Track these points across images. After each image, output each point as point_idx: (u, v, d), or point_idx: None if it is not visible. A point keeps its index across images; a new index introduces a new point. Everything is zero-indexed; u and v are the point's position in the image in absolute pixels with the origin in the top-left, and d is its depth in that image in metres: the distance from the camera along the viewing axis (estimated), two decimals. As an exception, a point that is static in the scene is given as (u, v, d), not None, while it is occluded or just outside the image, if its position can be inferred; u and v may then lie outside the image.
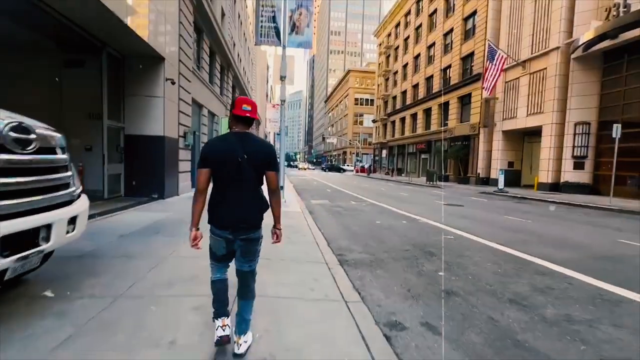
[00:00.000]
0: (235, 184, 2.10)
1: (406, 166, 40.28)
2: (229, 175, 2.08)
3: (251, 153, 2.08)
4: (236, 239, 2.14)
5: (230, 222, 2.11)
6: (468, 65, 28.06)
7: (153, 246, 4.68)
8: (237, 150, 2.05)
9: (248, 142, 2.11)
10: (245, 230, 2.15)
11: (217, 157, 2.08)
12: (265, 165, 2.15)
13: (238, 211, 2.11)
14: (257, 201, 2.18)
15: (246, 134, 2.15)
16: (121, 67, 9.58)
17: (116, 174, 9.65)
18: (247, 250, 2.21)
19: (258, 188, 2.19)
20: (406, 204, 11.95)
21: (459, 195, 16.46)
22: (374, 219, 8.49)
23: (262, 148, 2.16)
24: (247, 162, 2.07)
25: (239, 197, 2.11)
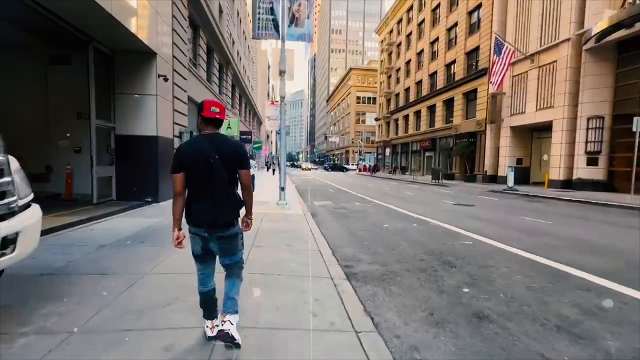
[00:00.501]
0: (209, 184, 2.17)
1: (410, 164, 39.57)
2: (202, 176, 2.15)
3: (222, 153, 2.17)
4: (212, 236, 2.20)
5: (205, 220, 2.17)
6: (473, 60, 27.33)
7: (134, 259, 4.12)
8: (209, 152, 2.14)
9: (218, 143, 2.19)
10: (220, 227, 2.20)
11: (189, 161, 2.15)
12: (236, 164, 2.24)
13: (212, 210, 2.17)
14: (231, 199, 2.24)
15: (216, 135, 2.24)
16: (110, 63, 9.03)
17: (107, 176, 9.12)
18: (225, 247, 2.26)
19: (231, 187, 2.25)
20: (413, 205, 11.34)
21: (466, 194, 15.80)
22: (381, 221, 7.89)
23: (233, 148, 2.24)
24: (218, 163, 2.14)
25: (212, 197, 2.18)
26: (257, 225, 6.60)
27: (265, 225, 6.74)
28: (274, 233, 6.01)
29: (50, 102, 9.25)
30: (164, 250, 4.55)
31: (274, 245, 5.11)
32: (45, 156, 9.33)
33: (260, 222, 7.07)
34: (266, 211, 8.72)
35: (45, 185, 9.37)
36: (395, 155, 44.47)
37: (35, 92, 9.16)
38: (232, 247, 2.28)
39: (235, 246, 2.29)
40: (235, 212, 2.27)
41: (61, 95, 9.25)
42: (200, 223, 2.19)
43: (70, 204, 8.36)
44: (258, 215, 7.94)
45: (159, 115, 9.41)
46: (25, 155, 9.53)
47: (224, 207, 2.21)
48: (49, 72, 9.20)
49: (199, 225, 2.19)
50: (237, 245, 2.31)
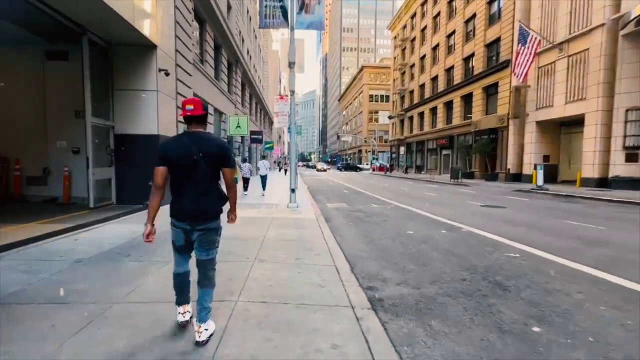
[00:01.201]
0: (191, 180, 2.23)
1: (426, 163, 38.21)
2: (185, 172, 2.22)
3: (206, 151, 2.21)
4: (194, 229, 2.28)
5: (188, 214, 2.25)
6: (493, 52, 25.90)
7: (109, 280, 3.38)
8: (192, 149, 2.19)
9: (202, 141, 2.24)
10: (202, 221, 2.27)
11: (173, 156, 2.21)
12: (220, 162, 2.29)
13: (194, 204, 2.24)
14: (212, 195, 2.31)
15: (200, 132, 2.30)
16: (108, 57, 8.44)
17: (105, 178, 8.53)
18: (205, 240, 2.33)
19: (214, 183, 2.31)
20: (436, 206, 10.33)
21: (491, 194, 14.63)
22: (404, 227, 6.97)
23: (217, 147, 2.27)
24: (201, 160, 2.20)
25: (195, 192, 2.25)
26: (263, 233, 5.82)
27: (273, 232, 5.94)
28: (281, 243, 5.20)
29: (47, 100, 8.74)
30: (150, 266, 3.80)
31: (280, 259, 4.30)
32: (42, 158, 8.82)
33: (267, 228, 6.28)
34: (275, 215, 7.93)
35: (43, 189, 8.87)
36: (410, 153, 43.12)
37: (32, 90, 8.66)
38: (211, 241, 2.37)
39: (213, 240, 2.38)
40: (218, 206, 2.34)
41: (59, 92, 8.72)
42: (183, 217, 2.26)
43: (66, 208, 7.80)
44: (266, 220, 7.16)
45: (160, 112, 8.77)
46: (22, 157, 9.13)
47: (206, 202, 2.27)
48: (46, 69, 8.68)
49: (182, 220, 2.26)
50: (216, 239, 2.41)
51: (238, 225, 6.84)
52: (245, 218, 7.46)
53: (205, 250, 2.35)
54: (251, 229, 6.26)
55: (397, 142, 47.48)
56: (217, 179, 2.33)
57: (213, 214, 2.32)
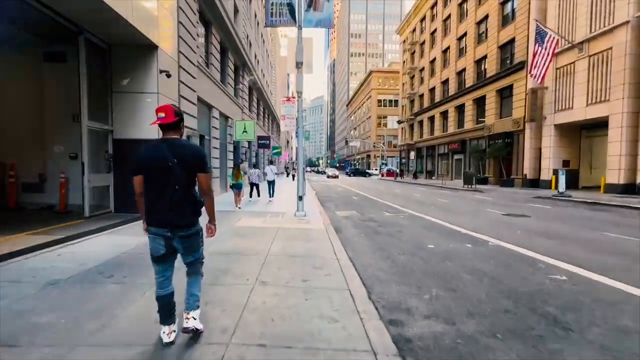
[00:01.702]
0: (168, 187, 2.22)
1: (437, 168, 37.28)
2: (161, 179, 2.22)
3: (181, 158, 2.23)
4: (174, 236, 2.27)
5: (167, 220, 2.24)
6: (507, 53, 25.09)
7: (79, 310, 2.83)
8: (167, 156, 2.20)
9: (177, 148, 2.25)
10: (182, 227, 2.29)
11: (148, 164, 2.23)
12: (195, 169, 2.31)
13: (173, 210, 2.24)
14: (189, 201, 2.31)
15: (175, 139, 2.29)
16: (107, 58, 8.06)
17: (103, 185, 8.09)
18: (188, 245, 2.36)
19: (190, 189, 2.32)
20: (454, 215, 9.62)
21: (510, 201, 13.79)
22: (423, 239, 6.30)
23: (192, 153, 2.30)
24: (177, 166, 2.21)
25: (172, 198, 2.23)
26: (267, 247, 5.23)
27: (277, 246, 5.35)
28: (287, 259, 4.60)
29: (44, 103, 8.39)
30: (131, 291, 3.25)
31: (285, 280, 3.70)
32: (38, 163, 8.45)
33: (272, 241, 5.70)
34: (281, 225, 7.35)
35: (39, 196, 8.48)
36: (420, 158, 42.24)
37: (29, 92, 8.33)
38: (194, 245, 2.40)
39: (197, 244, 2.42)
40: (194, 213, 2.35)
41: (56, 95, 8.37)
42: (161, 224, 2.26)
43: (61, 217, 7.37)
44: (271, 231, 6.59)
45: (160, 115, 8.32)
46: (18, 163, 8.78)
47: (183, 209, 2.28)
48: (43, 71, 8.35)
49: (161, 226, 2.26)
50: (199, 243, 2.44)
51: (241, 237, 6.32)
52: (249, 228, 6.90)
53: (192, 253, 2.41)
54: (254, 241, 5.68)
55: (406, 147, 46.65)
56: (193, 185, 2.36)
57: (192, 219, 2.35)
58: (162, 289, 2.31)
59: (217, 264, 4.22)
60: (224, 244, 5.40)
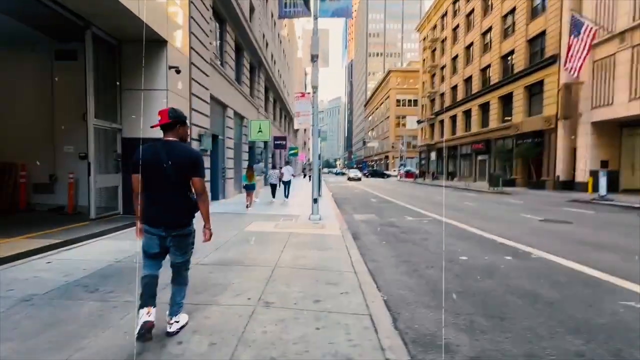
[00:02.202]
0: (163, 187, 2.30)
1: (459, 169, 35.78)
2: (157, 179, 2.28)
3: (176, 160, 2.27)
4: (169, 235, 2.33)
5: (163, 220, 2.31)
6: (537, 47, 23.56)
7: (45, 336, 2.35)
8: (162, 157, 2.25)
9: (173, 150, 2.30)
10: (176, 227, 2.34)
11: (145, 164, 2.25)
12: (190, 172, 2.34)
13: (167, 211, 2.32)
14: (184, 202, 2.38)
15: (172, 141, 2.35)
16: (116, 55, 7.80)
17: (111, 186, 7.82)
18: (180, 244, 2.40)
19: (185, 191, 2.37)
20: (484, 221, 8.75)
21: (543, 205, 12.66)
22: (452, 249, 5.56)
23: (187, 156, 2.35)
24: (171, 168, 2.26)
25: (167, 199, 2.32)
26: (276, 256, 4.67)
27: (288, 254, 4.77)
28: (297, 272, 4.01)
29: (55, 102, 8.23)
30: (112, 312, 2.76)
31: (293, 300, 3.11)
32: (49, 164, 8.29)
33: (282, 248, 5.13)
34: (294, 230, 6.78)
35: (49, 197, 8.33)
36: (441, 159, 40.76)
37: (40, 91, 8.20)
38: (185, 245, 2.44)
39: (187, 244, 2.45)
40: (189, 213, 2.41)
41: (67, 94, 8.17)
42: (157, 224, 2.31)
43: (68, 219, 7.11)
44: (282, 237, 6.03)
45: (170, 113, 7.96)
46: (29, 163, 8.65)
47: (177, 210, 2.35)
48: (54, 69, 8.19)
49: (157, 226, 2.31)
50: (189, 244, 2.47)
51: (248, 244, 5.76)
52: (259, 234, 6.37)
53: (181, 254, 2.44)
54: (263, 248, 5.13)
55: (426, 147, 45.21)
56: (188, 187, 2.39)
57: (186, 221, 2.40)
58: (149, 269, 2.36)
59: (217, 277, 3.69)
60: (229, 251, 4.88)
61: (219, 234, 6.20)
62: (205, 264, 4.20)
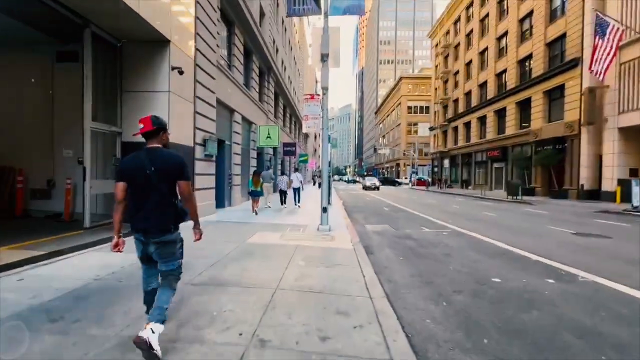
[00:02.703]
0: (146, 194, 2.31)
1: (474, 177, 34.62)
2: (140, 186, 2.31)
3: (159, 166, 2.30)
4: (149, 242, 2.35)
5: (142, 226, 2.33)
6: (557, 50, 22.65)
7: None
8: (146, 164, 2.28)
9: (156, 157, 2.33)
10: (155, 234, 2.33)
11: (129, 172, 2.33)
12: (175, 177, 2.37)
13: (148, 217, 2.31)
14: (167, 208, 2.36)
15: (155, 148, 2.38)
16: (117, 56, 7.46)
17: (110, 193, 7.40)
18: (162, 252, 2.38)
19: (169, 197, 2.36)
20: (510, 233, 7.98)
21: (570, 216, 11.72)
22: (482, 268, 4.86)
23: (170, 161, 2.37)
24: (155, 175, 2.28)
25: (149, 205, 2.31)
26: (278, 275, 4.07)
27: (293, 273, 4.18)
28: (302, 297, 3.41)
29: (55, 104, 7.93)
30: (68, 350, 2.21)
31: (294, 339, 2.50)
32: (48, 168, 7.96)
33: (287, 265, 4.54)
34: (301, 242, 6.19)
35: (47, 203, 7.98)
36: (455, 167, 39.65)
37: (40, 94, 7.93)
38: (168, 253, 2.40)
39: (171, 252, 2.41)
40: (171, 221, 2.38)
41: (68, 96, 7.87)
42: (138, 229, 2.34)
43: (63, 227, 6.70)
44: (287, 250, 5.44)
45: (172, 116, 7.56)
46: (27, 168, 8.38)
47: (159, 216, 2.32)
48: (55, 71, 7.92)
49: (138, 231, 2.35)
50: (174, 252, 2.43)
51: (249, 258, 5.13)
52: (262, 246, 5.80)
53: (165, 262, 2.41)
54: (265, 265, 4.55)
55: (439, 154, 44.17)
56: (173, 194, 2.39)
57: (168, 227, 2.36)
58: (146, 285, 2.49)
59: (207, 302, 3.13)
60: (226, 268, 4.32)
61: (219, 246, 5.67)
62: (196, 284, 3.64)
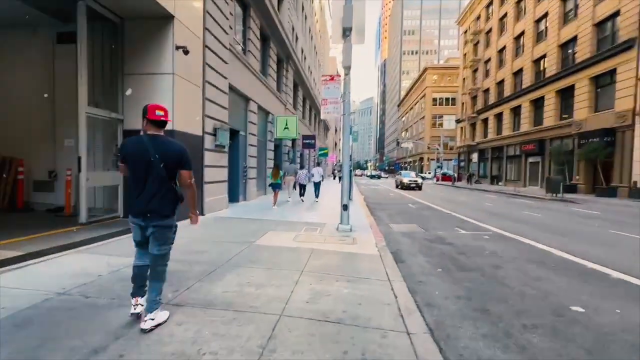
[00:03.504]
0: (147, 179, 2.39)
1: (505, 172, 32.38)
2: (141, 171, 2.39)
3: (163, 154, 2.39)
4: (148, 226, 2.43)
5: (142, 211, 2.41)
6: (607, 31, 20.28)
7: None
8: (150, 151, 2.36)
9: (160, 144, 2.41)
10: (155, 218, 2.41)
11: (132, 155, 2.41)
12: (177, 165, 2.47)
13: (148, 202, 2.39)
14: (167, 195, 2.44)
15: (158, 136, 2.45)
16: (118, 34, 6.78)
17: (111, 185, 6.81)
18: (159, 236, 2.47)
19: (169, 184, 2.45)
20: (566, 239, 6.71)
21: (628, 218, 10.12)
22: (550, 289, 3.77)
23: (174, 150, 2.45)
24: (158, 162, 2.37)
25: (149, 191, 2.39)
26: (285, 294, 3.18)
27: (305, 290, 3.28)
28: (313, 329, 2.49)
29: (56, 90, 7.40)
30: None
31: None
32: (50, 159, 7.48)
33: (298, 277, 3.65)
34: (317, 245, 5.28)
35: (49, 196, 7.51)
36: (484, 161, 37.37)
37: (40, 79, 7.40)
38: (164, 237, 2.49)
39: (166, 237, 2.50)
40: (170, 206, 2.48)
41: (69, 81, 7.28)
42: (138, 213, 2.42)
43: (61, 221, 6.14)
44: (301, 256, 4.56)
45: (176, 101, 6.82)
46: (28, 158, 7.93)
47: (159, 201, 2.40)
48: (56, 55, 7.37)
49: (137, 216, 2.43)
50: (169, 236, 2.53)
51: (254, 266, 3.74)
52: (272, 249, 4.94)
53: (158, 245, 2.48)
54: (272, 275, 3.68)
55: (466, 148, 41.88)
56: (173, 180, 2.48)
57: (166, 212, 2.45)
58: (139, 259, 2.54)
59: (182, 336, 2.28)
60: (221, 281, 3.48)
61: (222, 248, 4.86)
62: (178, 305, 2.81)
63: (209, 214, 8.24)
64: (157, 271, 2.49)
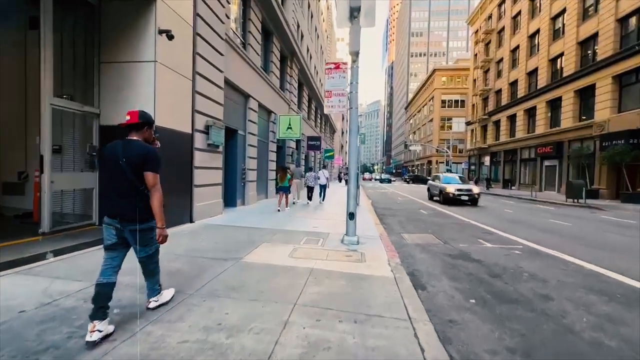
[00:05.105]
0: (117, 183, 2.43)
1: (518, 176, 31.03)
2: (114, 174, 2.43)
3: (129, 156, 2.41)
4: (125, 228, 2.42)
5: (117, 213, 2.42)
6: (631, 27, 19.03)
7: None
8: (119, 154, 2.40)
9: (128, 147, 2.44)
10: (130, 221, 2.41)
11: (105, 159, 2.47)
12: (141, 167, 2.42)
13: (121, 205, 2.42)
14: (138, 198, 2.43)
15: (132, 140, 2.48)
16: (94, 18, 5.97)
17: (84, 188, 5.97)
18: (139, 239, 2.46)
19: (140, 187, 2.44)
20: (614, 255, 5.65)
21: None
22: (629, 335, 2.76)
23: (139, 152, 2.43)
24: (126, 164, 2.39)
25: (120, 194, 2.43)
26: (268, 346, 2.23)
27: (295, 339, 2.33)
28: None
29: (28, 82, 6.62)
30: None
31: None
32: (19, 159, 6.69)
33: (288, 316, 2.70)
34: (318, 263, 4.34)
35: (19, 200, 6.71)
36: (496, 164, 36.02)
37: (10, 70, 6.63)
38: (144, 239, 2.51)
39: (149, 238, 2.53)
40: (145, 209, 2.45)
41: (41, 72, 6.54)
42: (114, 214, 2.42)
43: (22, 230, 5.32)
44: (297, 279, 3.61)
45: (159, 93, 5.97)
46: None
47: (131, 204, 2.40)
48: (28, 42, 6.59)
49: (114, 217, 2.42)
50: (150, 238, 2.54)
51: (234, 295, 2.67)
52: (262, 269, 4.00)
53: (143, 247, 2.53)
54: (253, 314, 2.74)
55: (477, 151, 40.53)
56: (143, 184, 2.44)
57: (144, 217, 2.45)
58: (104, 276, 2.35)
59: None
60: (183, 320, 2.55)
61: (199, 267, 3.93)
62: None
63: (199, 221, 7.35)
64: (149, 270, 2.66)
